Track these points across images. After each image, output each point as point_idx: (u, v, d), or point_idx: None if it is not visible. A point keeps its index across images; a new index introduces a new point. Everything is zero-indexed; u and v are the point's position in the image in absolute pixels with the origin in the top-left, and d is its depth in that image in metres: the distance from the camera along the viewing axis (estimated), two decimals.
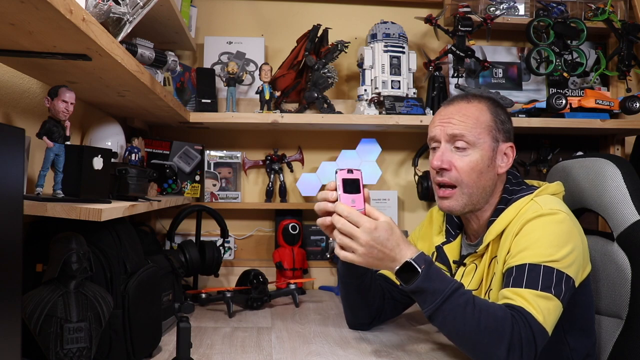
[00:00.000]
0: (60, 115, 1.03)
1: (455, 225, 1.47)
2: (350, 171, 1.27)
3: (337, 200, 1.25)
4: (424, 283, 1.15)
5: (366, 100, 2.08)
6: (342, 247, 1.21)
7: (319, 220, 1.29)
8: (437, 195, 1.37)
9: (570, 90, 2.27)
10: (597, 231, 1.53)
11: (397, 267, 1.18)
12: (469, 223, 1.40)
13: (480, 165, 1.32)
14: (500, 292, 1.20)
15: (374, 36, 2.10)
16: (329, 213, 1.27)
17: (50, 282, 1.02)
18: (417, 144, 2.24)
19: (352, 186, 1.26)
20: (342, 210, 1.20)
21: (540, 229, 1.22)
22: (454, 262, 1.41)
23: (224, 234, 2.00)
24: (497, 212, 1.33)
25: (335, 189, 1.26)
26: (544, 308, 1.13)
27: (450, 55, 2.11)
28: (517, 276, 1.18)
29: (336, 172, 1.27)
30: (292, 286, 1.84)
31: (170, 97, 1.62)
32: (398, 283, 1.52)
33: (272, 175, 2.21)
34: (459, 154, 1.32)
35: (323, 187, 1.36)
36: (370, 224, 1.18)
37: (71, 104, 1.04)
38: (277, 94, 2.11)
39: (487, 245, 1.31)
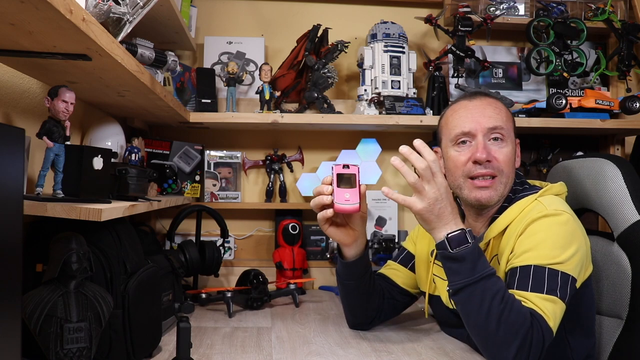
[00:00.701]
0: (60, 115, 1.03)
1: None
2: (346, 166, 1.27)
3: (332, 193, 1.25)
4: (470, 255, 1.14)
5: (366, 100, 2.08)
6: (415, 189, 1.16)
7: (320, 215, 1.29)
8: (472, 187, 1.33)
9: (570, 90, 2.27)
10: (597, 231, 1.54)
11: (451, 231, 1.17)
12: (476, 218, 1.39)
13: (513, 157, 1.35)
14: None
15: (374, 36, 2.10)
16: (325, 207, 1.28)
17: (50, 282, 1.02)
18: None
19: (347, 181, 1.26)
20: (427, 153, 1.17)
21: (545, 229, 1.22)
22: None
23: (224, 234, 2.00)
24: (500, 210, 1.33)
25: (331, 184, 1.26)
26: (551, 311, 1.14)
27: (450, 55, 2.11)
28: (522, 278, 1.18)
29: (332, 168, 1.27)
30: (292, 286, 1.84)
31: (170, 97, 1.62)
32: (402, 271, 1.55)
33: (272, 175, 2.21)
34: (497, 145, 1.33)
35: None
36: (445, 181, 1.18)
37: (71, 104, 1.04)
38: (277, 94, 2.11)
39: (488, 243, 1.31)
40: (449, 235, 1.17)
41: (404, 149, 1.18)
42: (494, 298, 1.12)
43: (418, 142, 1.18)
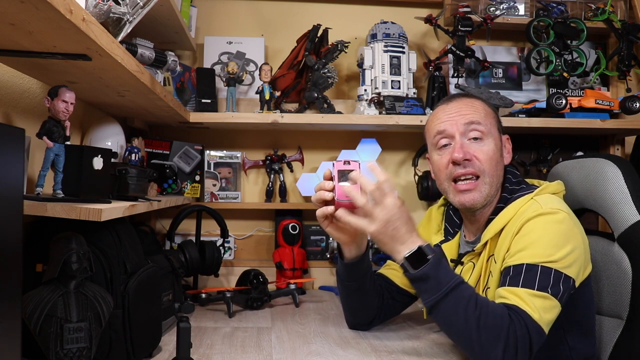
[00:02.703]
0: (60, 115, 1.03)
1: (454, 224, 1.47)
2: (347, 162, 1.27)
3: (333, 189, 1.25)
4: (432, 271, 1.14)
5: (366, 100, 2.08)
6: (365, 213, 1.20)
7: (319, 211, 1.30)
8: (455, 190, 1.33)
9: (570, 90, 2.27)
10: (597, 231, 1.53)
11: (407, 252, 1.17)
12: (472, 220, 1.39)
13: (496, 155, 1.33)
14: (496, 291, 1.20)
15: (374, 36, 2.10)
16: (326, 203, 1.28)
17: (50, 282, 1.02)
18: (417, 144, 2.24)
19: (347, 177, 1.26)
20: (379, 174, 1.20)
21: (540, 228, 1.21)
22: (452, 260, 1.41)
23: (224, 234, 2.00)
24: (496, 211, 1.33)
25: (331, 179, 1.26)
26: (539, 307, 1.13)
27: (450, 55, 2.11)
28: (514, 276, 1.18)
29: (333, 164, 1.27)
30: (292, 286, 1.84)
31: (170, 97, 1.62)
32: (401, 271, 1.53)
33: (272, 175, 2.21)
34: (477, 144, 1.32)
35: None
36: (398, 200, 1.19)
37: (71, 104, 1.04)
38: (277, 94, 2.11)
39: (485, 244, 1.31)
40: (407, 257, 1.17)
41: (353, 174, 1.22)
42: (467, 306, 1.12)
43: (370, 164, 1.23)
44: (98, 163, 1.13)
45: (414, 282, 1.19)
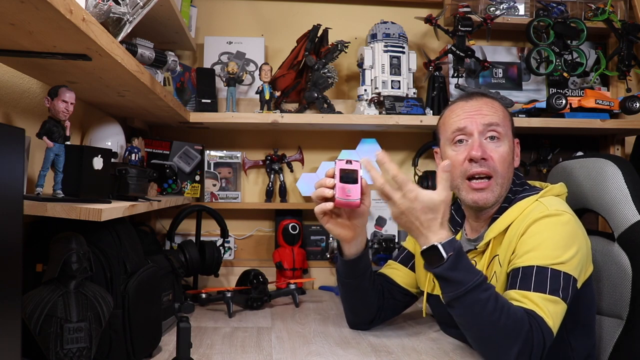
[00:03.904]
0: (60, 115, 1.03)
1: (456, 222, 1.47)
2: (349, 162, 1.28)
3: (334, 187, 1.25)
4: (448, 272, 1.12)
5: (366, 100, 2.08)
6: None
7: (318, 207, 1.29)
8: (468, 188, 1.33)
9: (570, 90, 2.27)
10: (597, 231, 1.53)
11: (423, 246, 1.15)
12: (476, 217, 1.39)
13: (510, 157, 1.34)
14: (506, 292, 1.20)
15: (374, 36, 2.10)
16: (326, 199, 1.28)
17: (50, 282, 1.02)
18: (417, 144, 2.24)
19: (349, 177, 1.27)
20: (391, 168, 1.17)
21: (547, 230, 1.22)
22: None
23: (224, 234, 2.00)
24: (500, 210, 1.33)
25: (333, 177, 1.27)
26: (552, 312, 1.13)
27: (450, 55, 2.11)
28: (525, 278, 1.18)
29: (335, 162, 1.28)
30: (292, 286, 1.84)
31: (170, 97, 1.62)
32: (403, 270, 1.55)
33: (272, 175, 2.21)
34: (493, 144, 1.33)
35: None
36: (411, 193, 1.15)
37: (71, 104, 1.04)
38: (277, 94, 2.11)
39: (488, 243, 1.31)
40: (422, 252, 1.16)
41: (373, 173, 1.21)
42: (486, 306, 1.11)
43: (379, 158, 1.20)
44: (98, 163, 1.13)
45: (434, 275, 1.17)
